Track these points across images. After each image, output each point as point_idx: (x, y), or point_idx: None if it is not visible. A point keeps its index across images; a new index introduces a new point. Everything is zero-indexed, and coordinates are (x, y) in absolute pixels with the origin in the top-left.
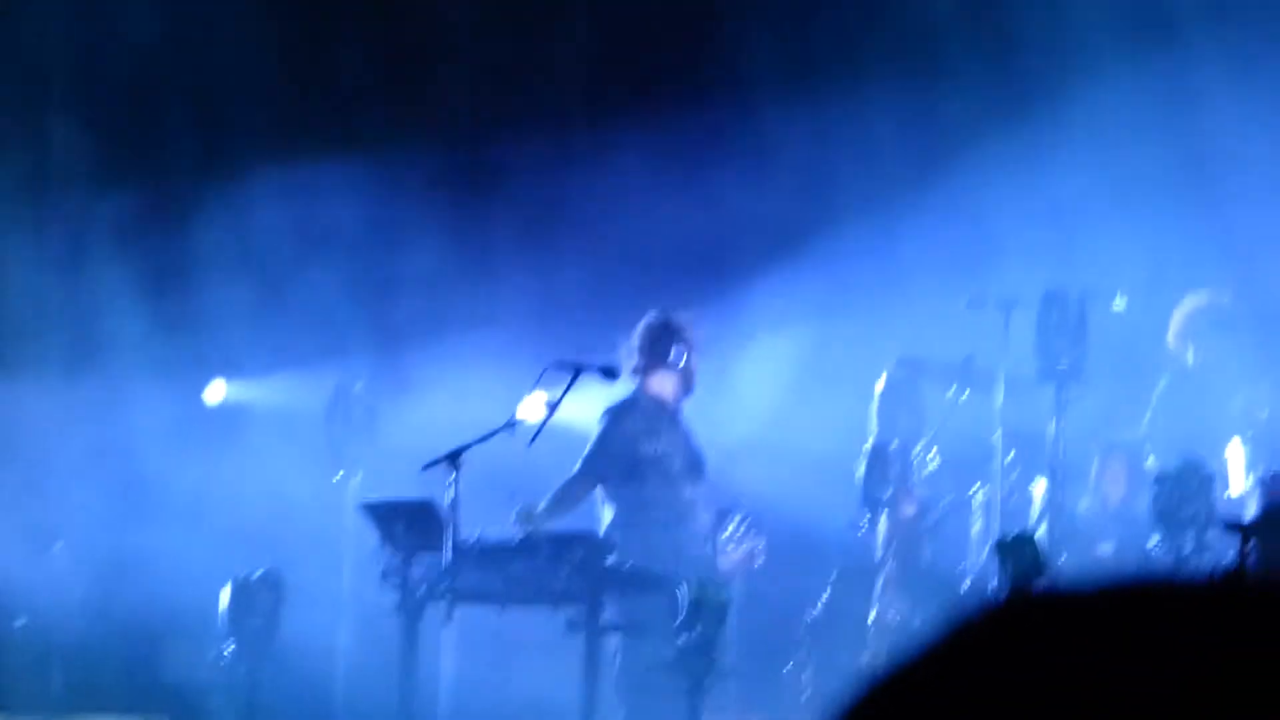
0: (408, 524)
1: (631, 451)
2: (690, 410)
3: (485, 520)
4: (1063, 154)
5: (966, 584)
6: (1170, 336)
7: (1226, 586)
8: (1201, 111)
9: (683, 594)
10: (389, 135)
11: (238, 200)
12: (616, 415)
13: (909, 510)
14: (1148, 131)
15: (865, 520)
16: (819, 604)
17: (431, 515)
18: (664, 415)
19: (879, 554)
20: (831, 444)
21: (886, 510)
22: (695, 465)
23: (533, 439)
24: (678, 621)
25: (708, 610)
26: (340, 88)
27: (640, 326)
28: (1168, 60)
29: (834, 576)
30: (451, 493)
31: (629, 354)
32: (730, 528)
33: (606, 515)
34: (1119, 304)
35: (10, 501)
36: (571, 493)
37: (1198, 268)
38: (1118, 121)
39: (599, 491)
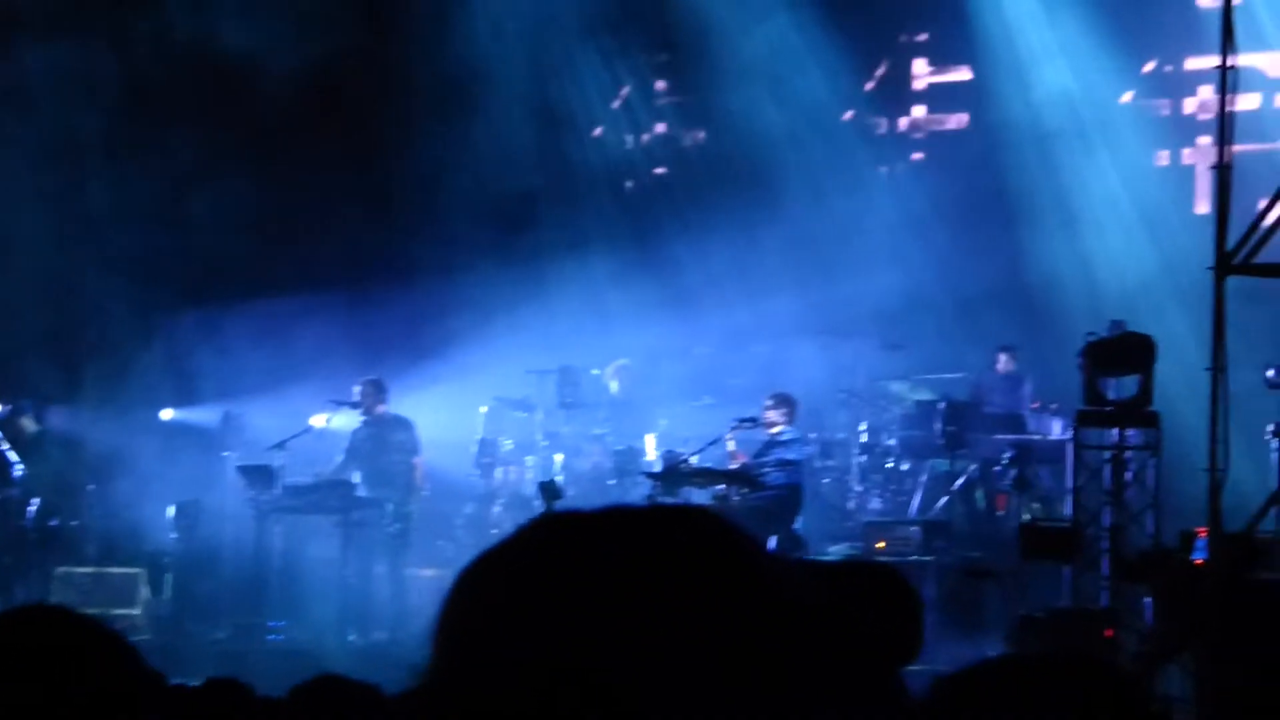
0: (259, 476)
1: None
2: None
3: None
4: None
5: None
6: (607, 379)
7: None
8: None
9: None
10: None
11: None
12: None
13: (501, 471)
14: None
15: (479, 475)
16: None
17: (269, 472)
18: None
19: (494, 492)
20: (462, 436)
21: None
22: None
23: None
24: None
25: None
26: None
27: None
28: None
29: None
30: (280, 461)
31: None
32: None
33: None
34: (595, 371)
35: None
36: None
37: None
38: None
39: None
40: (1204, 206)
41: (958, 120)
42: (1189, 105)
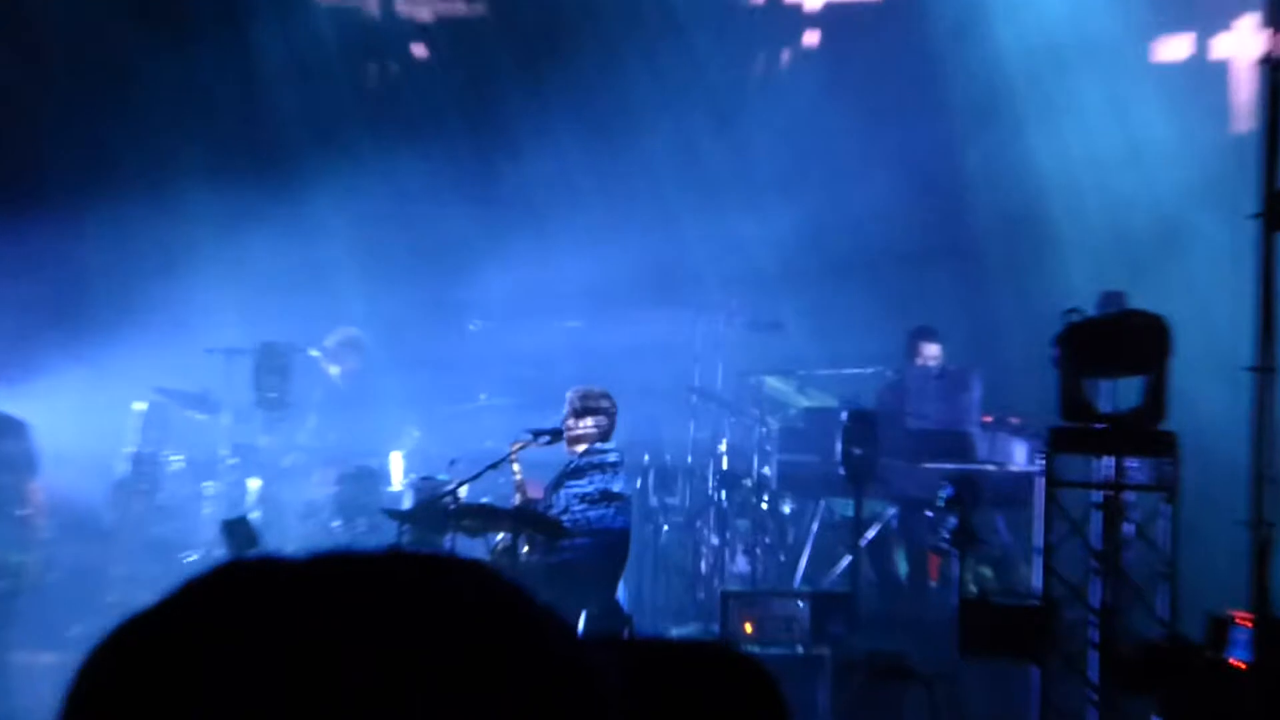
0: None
1: None
2: None
3: None
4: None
5: (195, 555)
6: (327, 363)
7: (385, 562)
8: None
9: None
10: None
11: None
12: None
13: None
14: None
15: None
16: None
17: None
18: None
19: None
20: (105, 447)
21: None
22: None
23: None
24: None
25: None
26: None
27: None
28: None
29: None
30: None
31: None
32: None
33: None
34: (314, 352)
35: None
36: None
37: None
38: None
39: None
40: (1244, 122)
41: None
42: None
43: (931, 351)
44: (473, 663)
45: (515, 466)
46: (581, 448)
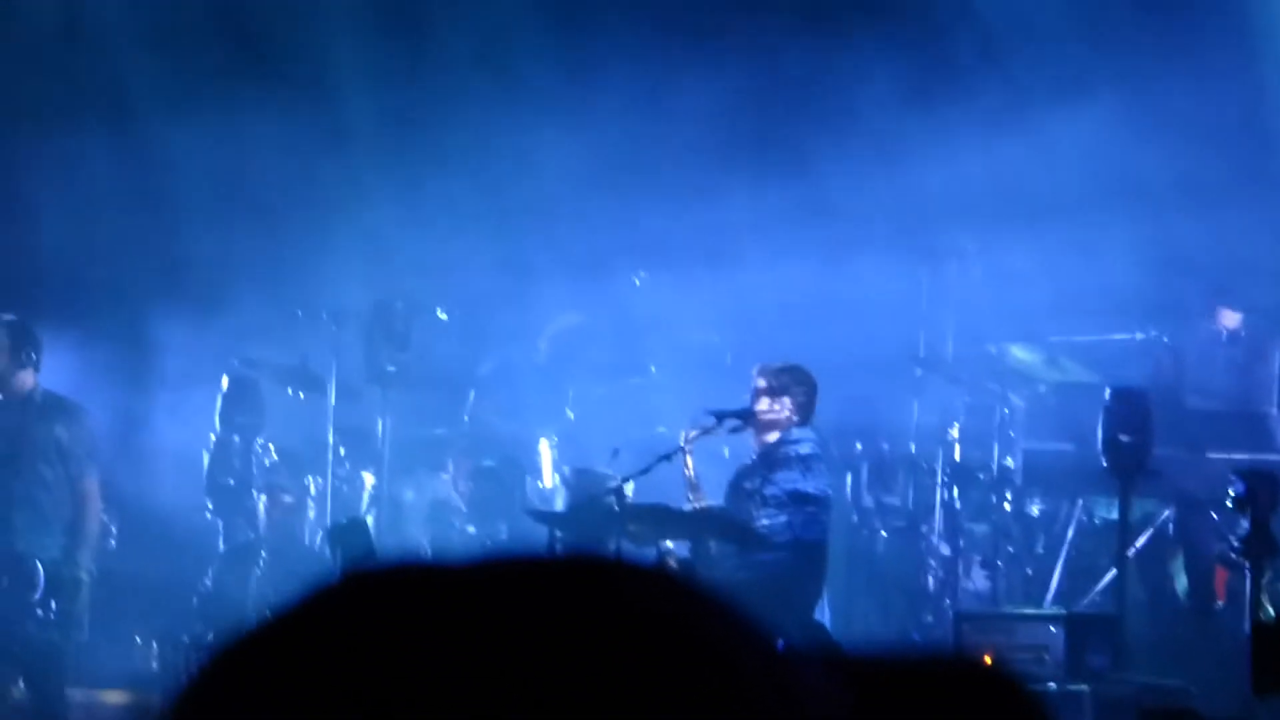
0: None
1: None
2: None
3: None
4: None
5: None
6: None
7: (535, 566)
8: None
9: (39, 572)
10: None
11: None
12: None
13: (274, 498)
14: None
15: (212, 510)
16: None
17: None
18: None
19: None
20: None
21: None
22: None
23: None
24: (36, 597)
25: (63, 586)
26: None
27: None
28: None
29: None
30: None
31: None
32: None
33: None
34: (442, 314)
35: None
36: None
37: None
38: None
39: None
40: None
41: None
42: None
43: (1227, 315)
44: (679, 681)
45: (688, 459)
46: (772, 435)
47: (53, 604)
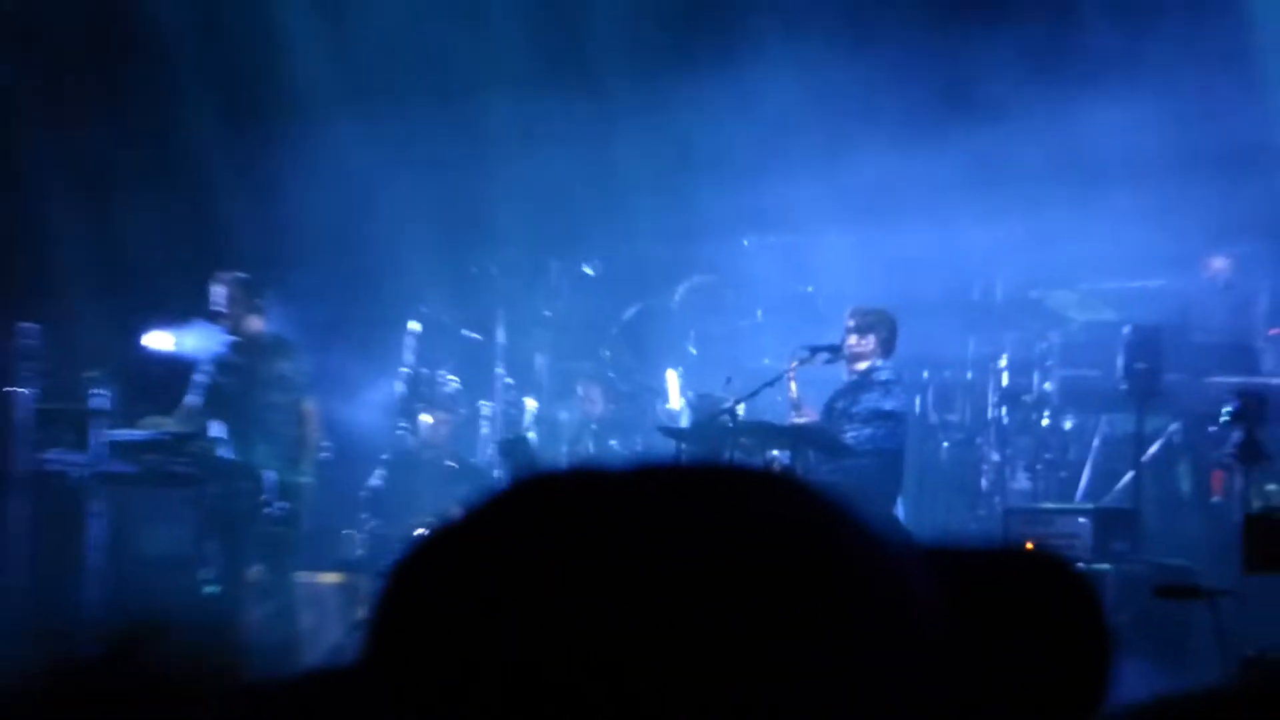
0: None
1: None
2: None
3: None
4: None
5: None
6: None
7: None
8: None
9: (271, 478)
10: None
11: None
12: None
13: (440, 418)
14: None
15: (406, 429)
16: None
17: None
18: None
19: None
20: (374, 368)
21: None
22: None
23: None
24: (268, 498)
25: (289, 490)
26: None
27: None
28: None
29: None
30: (101, 402)
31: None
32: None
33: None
34: (589, 269)
35: None
36: None
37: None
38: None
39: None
40: None
41: None
42: None
43: (1219, 264)
44: (806, 564)
45: (792, 384)
46: (862, 365)
47: (282, 504)
